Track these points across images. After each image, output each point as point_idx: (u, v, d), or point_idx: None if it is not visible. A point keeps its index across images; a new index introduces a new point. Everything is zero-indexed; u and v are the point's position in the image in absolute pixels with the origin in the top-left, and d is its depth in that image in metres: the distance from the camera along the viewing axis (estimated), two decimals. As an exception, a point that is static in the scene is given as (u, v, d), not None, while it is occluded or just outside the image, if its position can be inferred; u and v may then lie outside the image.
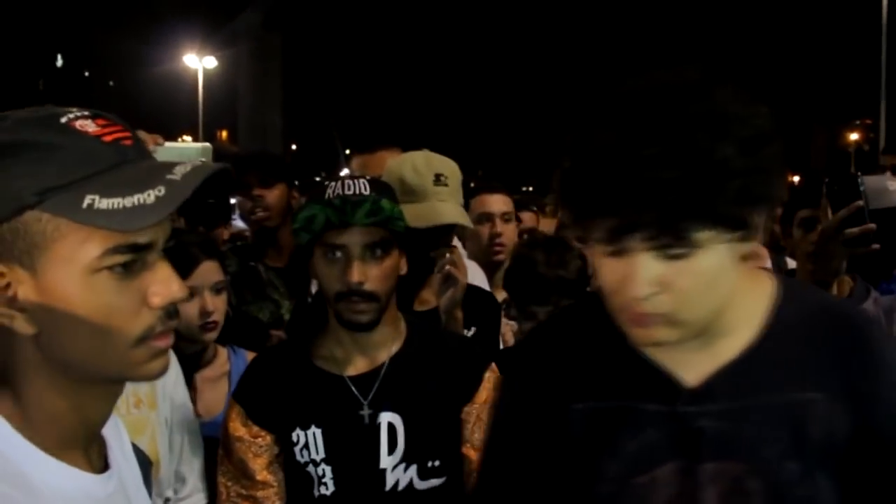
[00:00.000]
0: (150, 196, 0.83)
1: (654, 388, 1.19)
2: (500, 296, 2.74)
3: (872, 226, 1.89)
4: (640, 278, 1.07)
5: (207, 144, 1.88)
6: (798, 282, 1.33)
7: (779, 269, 3.52)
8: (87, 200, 0.82)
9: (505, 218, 3.09)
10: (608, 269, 1.12)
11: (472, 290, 2.47)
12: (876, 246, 1.92)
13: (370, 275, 1.68)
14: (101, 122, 0.88)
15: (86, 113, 0.89)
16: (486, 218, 3.06)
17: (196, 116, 32.58)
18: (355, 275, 1.66)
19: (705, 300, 1.11)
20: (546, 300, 2.28)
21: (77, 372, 0.89)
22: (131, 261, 0.87)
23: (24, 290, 0.85)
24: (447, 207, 2.19)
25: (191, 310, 2.12)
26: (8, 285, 0.85)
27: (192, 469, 2.09)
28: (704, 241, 1.05)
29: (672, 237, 1.04)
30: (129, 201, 0.82)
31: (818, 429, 1.14)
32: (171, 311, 0.90)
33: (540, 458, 1.25)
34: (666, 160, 1.02)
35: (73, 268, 0.84)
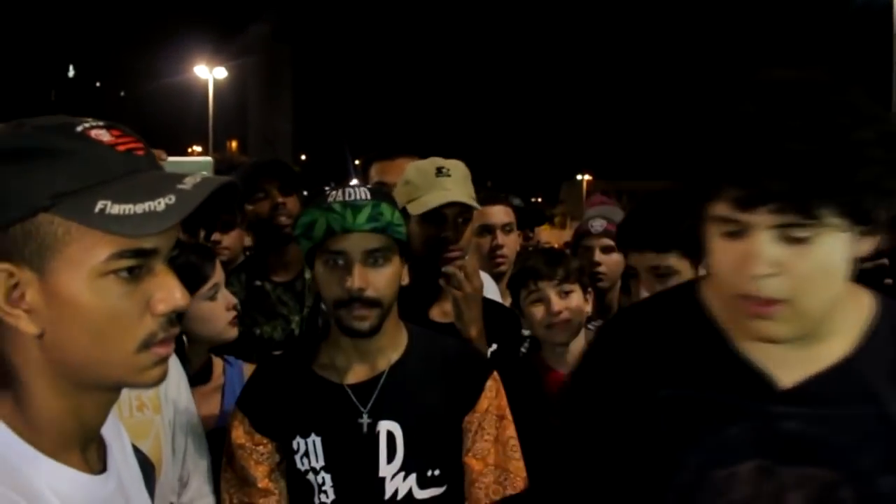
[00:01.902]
0: (160, 204, 0.85)
1: (746, 383, 1.16)
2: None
3: (885, 261, 1.86)
4: (761, 258, 1.05)
5: (209, 158, 1.91)
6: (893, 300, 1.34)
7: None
8: (98, 205, 0.84)
9: (506, 229, 3.07)
10: (725, 252, 1.09)
11: (493, 306, 2.45)
12: (889, 281, 1.89)
13: (371, 281, 1.68)
14: (115, 132, 0.91)
15: (100, 123, 0.91)
16: (487, 230, 3.04)
17: (206, 127, 32.70)
18: (356, 280, 1.65)
19: (823, 292, 1.08)
20: (553, 275, 2.29)
21: (78, 375, 0.90)
22: (137, 266, 0.88)
23: (32, 291, 0.86)
24: (452, 191, 2.23)
25: (218, 308, 2.10)
26: (16, 285, 0.86)
27: (198, 472, 2.08)
28: (829, 227, 1.03)
29: (799, 214, 1.02)
30: (139, 208, 0.85)
31: None
32: (173, 318, 0.92)
33: (621, 442, 1.23)
34: (806, 134, 1.02)
35: (80, 271, 0.86)
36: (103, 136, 0.89)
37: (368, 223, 1.66)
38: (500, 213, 3.03)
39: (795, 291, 1.06)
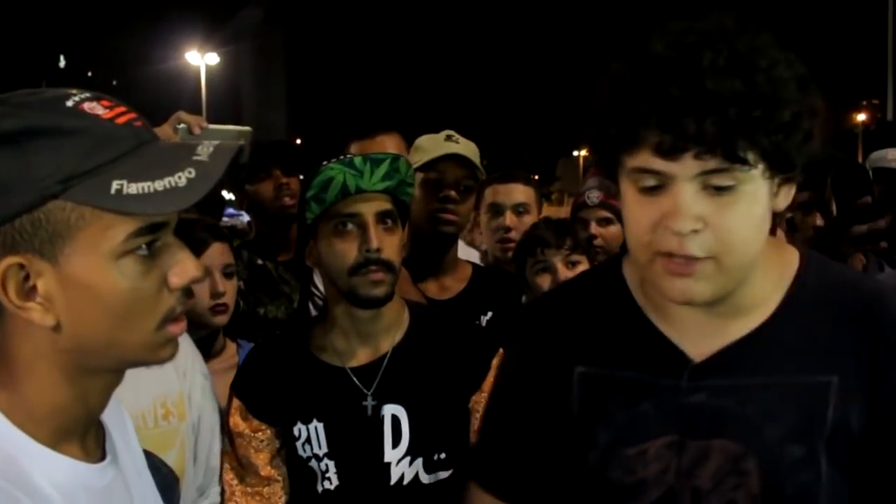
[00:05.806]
0: (180, 179, 0.81)
1: (659, 359, 1.14)
2: None
3: (882, 223, 1.78)
4: (686, 213, 0.98)
5: (248, 128, 1.84)
6: (825, 258, 1.26)
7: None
8: (114, 186, 0.80)
9: (518, 210, 2.64)
10: (643, 209, 1.02)
11: (494, 273, 2.42)
12: (884, 244, 1.82)
13: (385, 243, 1.63)
14: (105, 103, 0.86)
15: (87, 95, 0.86)
16: (495, 209, 2.75)
17: (199, 113, 32.51)
18: (373, 240, 1.61)
19: (748, 247, 1.03)
20: (561, 244, 2.21)
21: (91, 360, 0.87)
22: (152, 241, 0.86)
23: (45, 281, 0.82)
24: (456, 148, 2.21)
25: (201, 291, 2.03)
26: (27, 277, 0.82)
27: (215, 475, 1.99)
28: (751, 174, 0.98)
29: (723, 158, 0.96)
30: (159, 185, 0.80)
31: (830, 412, 1.07)
32: (188, 289, 0.90)
33: (541, 420, 1.22)
34: (726, 72, 0.96)
35: (98, 254, 0.82)
36: (97, 109, 0.83)
37: (383, 181, 1.62)
38: (513, 192, 2.68)
39: (721, 247, 1.01)
